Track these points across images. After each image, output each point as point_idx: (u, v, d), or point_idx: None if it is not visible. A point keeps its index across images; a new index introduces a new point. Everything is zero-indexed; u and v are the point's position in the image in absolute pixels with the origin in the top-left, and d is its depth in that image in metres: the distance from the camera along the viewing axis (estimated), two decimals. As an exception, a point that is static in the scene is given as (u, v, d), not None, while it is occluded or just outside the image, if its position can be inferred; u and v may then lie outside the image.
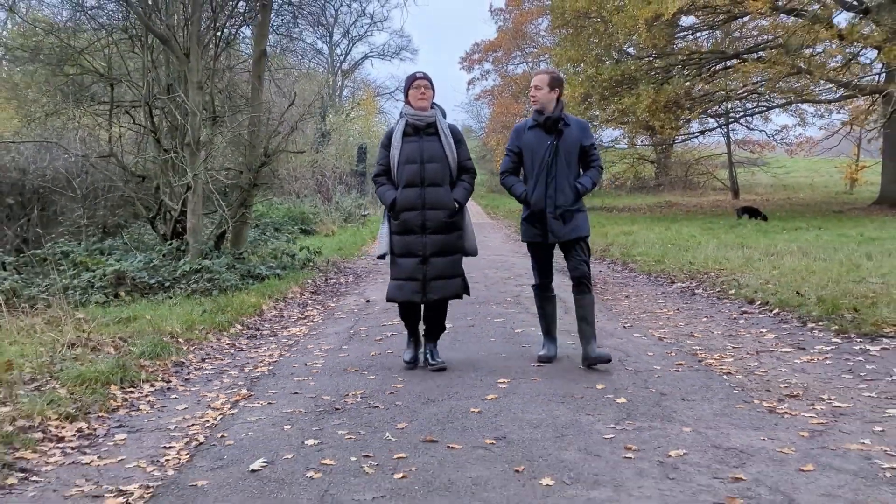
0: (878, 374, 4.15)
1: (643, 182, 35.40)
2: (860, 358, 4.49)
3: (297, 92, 13.97)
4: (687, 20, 22.99)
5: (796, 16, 19.27)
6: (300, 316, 7.20)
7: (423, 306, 4.69)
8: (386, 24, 59.21)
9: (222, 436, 3.51)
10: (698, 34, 23.48)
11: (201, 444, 3.43)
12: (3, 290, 7.41)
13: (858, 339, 4.89)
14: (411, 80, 4.63)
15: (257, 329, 6.49)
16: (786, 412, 3.53)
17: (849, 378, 4.10)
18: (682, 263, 8.97)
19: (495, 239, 15.72)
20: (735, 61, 20.81)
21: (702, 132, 27.80)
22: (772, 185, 32.44)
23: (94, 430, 3.73)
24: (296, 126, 10.78)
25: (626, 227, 15.22)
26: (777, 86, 22.40)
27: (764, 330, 5.46)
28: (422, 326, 4.84)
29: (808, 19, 17.97)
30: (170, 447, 3.41)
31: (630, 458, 2.99)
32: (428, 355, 4.75)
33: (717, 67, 21.88)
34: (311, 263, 10.72)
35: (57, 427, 3.68)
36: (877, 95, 18.25)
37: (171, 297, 7.75)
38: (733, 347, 4.98)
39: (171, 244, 9.42)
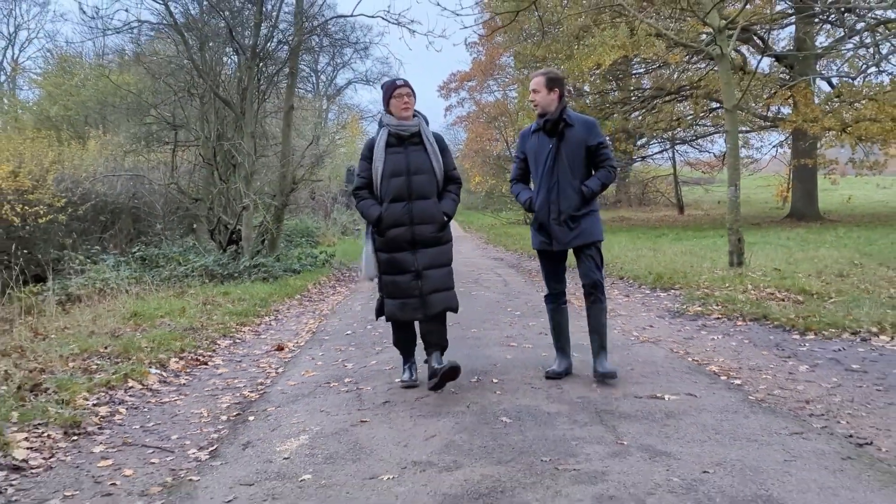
0: (654, 303, 7.98)
1: (604, 199, 39.56)
2: (653, 299, 8.33)
3: (296, 116, 17.77)
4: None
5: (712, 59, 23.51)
6: (333, 292, 10.93)
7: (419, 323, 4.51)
8: (369, 52, 63.26)
9: (324, 328, 7.26)
10: (651, 71, 27.71)
11: (314, 332, 7.16)
12: (133, 278, 11.07)
13: (660, 291, 8.74)
14: (392, 89, 4.35)
15: (310, 298, 10.21)
16: (594, 315, 7.34)
17: (640, 306, 7.93)
18: (594, 258, 12.77)
19: (467, 247, 19.54)
20: (675, 96, 25.00)
21: (643, 158, 31.94)
22: (718, 201, 36.71)
23: (257, 330, 7.44)
24: (317, 161, 14.51)
25: (571, 236, 19.05)
26: (710, 116, 26.68)
27: (616, 290, 9.29)
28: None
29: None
30: (299, 333, 7.14)
31: (512, 325, 6.79)
32: (434, 362, 4.46)
33: (661, 101, 26.05)
34: (329, 263, 14.44)
35: (237, 328, 7.38)
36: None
37: (241, 283, 11.43)
38: (593, 297, 8.78)
39: (231, 248, 13.12)
